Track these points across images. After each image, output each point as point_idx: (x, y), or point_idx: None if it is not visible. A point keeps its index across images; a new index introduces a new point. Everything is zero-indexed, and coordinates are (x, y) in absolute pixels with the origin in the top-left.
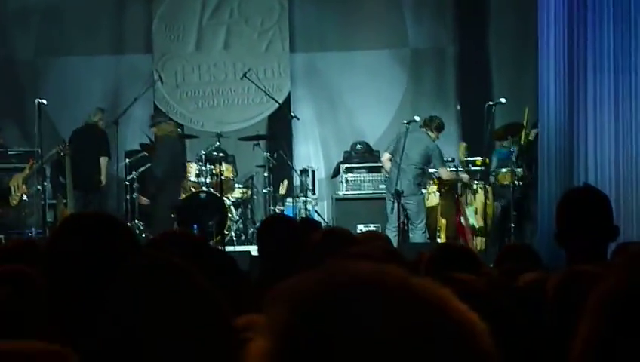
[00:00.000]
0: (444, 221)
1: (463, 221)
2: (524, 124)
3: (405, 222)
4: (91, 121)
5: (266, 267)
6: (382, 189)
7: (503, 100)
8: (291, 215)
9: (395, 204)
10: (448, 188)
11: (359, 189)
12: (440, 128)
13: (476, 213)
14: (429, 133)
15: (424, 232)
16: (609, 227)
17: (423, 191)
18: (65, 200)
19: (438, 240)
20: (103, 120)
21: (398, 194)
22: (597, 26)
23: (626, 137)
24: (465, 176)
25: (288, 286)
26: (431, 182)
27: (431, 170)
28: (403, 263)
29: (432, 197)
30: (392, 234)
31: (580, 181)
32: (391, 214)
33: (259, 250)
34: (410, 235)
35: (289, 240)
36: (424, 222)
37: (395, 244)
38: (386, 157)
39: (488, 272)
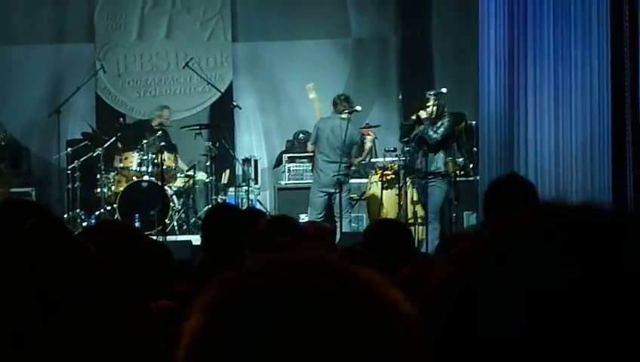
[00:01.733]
0: (385, 211)
1: None
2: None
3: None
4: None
5: (210, 254)
6: None
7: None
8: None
9: (333, 196)
10: (391, 179)
11: (301, 179)
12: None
13: (417, 202)
14: (344, 115)
15: (350, 221)
16: None
17: (358, 180)
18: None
19: None
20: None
21: (340, 184)
22: (537, 18)
23: (565, 128)
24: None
25: (233, 271)
26: (373, 171)
27: (374, 160)
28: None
29: (374, 187)
30: None
31: (519, 172)
32: (328, 205)
33: (203, 237)
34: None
35: (236, 229)
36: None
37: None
38: (310, 148)
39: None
